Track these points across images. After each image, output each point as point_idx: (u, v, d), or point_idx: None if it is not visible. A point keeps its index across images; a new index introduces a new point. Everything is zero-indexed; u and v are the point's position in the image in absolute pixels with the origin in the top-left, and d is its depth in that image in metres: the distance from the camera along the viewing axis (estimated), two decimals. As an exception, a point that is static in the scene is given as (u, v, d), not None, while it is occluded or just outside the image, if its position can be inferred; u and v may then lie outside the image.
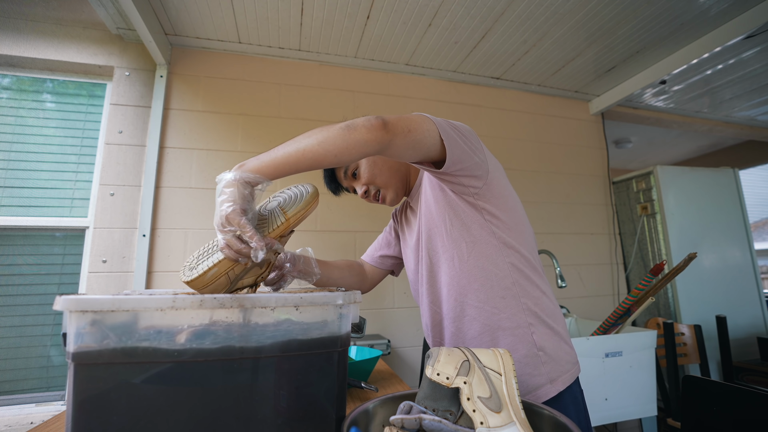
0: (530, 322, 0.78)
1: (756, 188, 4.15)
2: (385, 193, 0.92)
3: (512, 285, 0.79)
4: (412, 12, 1.72)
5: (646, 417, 1.71)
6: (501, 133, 2.36)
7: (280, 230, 0.61)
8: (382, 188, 0.92)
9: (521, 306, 0.79)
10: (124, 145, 1.76)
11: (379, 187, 0.92)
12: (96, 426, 0.44)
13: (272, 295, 0.53)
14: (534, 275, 0.82)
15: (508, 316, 0.78)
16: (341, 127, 0.62)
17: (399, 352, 1.95)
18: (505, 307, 0.78)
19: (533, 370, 0.76)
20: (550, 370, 0.77)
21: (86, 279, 1.64)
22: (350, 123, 0.63)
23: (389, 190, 0.92)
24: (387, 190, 0.92)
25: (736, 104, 2.70)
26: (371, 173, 0.90)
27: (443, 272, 0.84)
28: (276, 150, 0.61)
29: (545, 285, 0.84)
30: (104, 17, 1.71)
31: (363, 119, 0.63)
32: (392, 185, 0.92)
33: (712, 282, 2.44)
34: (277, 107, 2.00)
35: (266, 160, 0.60)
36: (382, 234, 1.11)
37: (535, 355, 0.77)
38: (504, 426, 0.48)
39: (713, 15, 1.78)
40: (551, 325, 0.80)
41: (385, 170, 0.91)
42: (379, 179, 0.91)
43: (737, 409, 0.96)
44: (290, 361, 0.53)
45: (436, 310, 0.88)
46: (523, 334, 0.77)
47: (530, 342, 0.77)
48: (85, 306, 0.44)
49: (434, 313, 0.88)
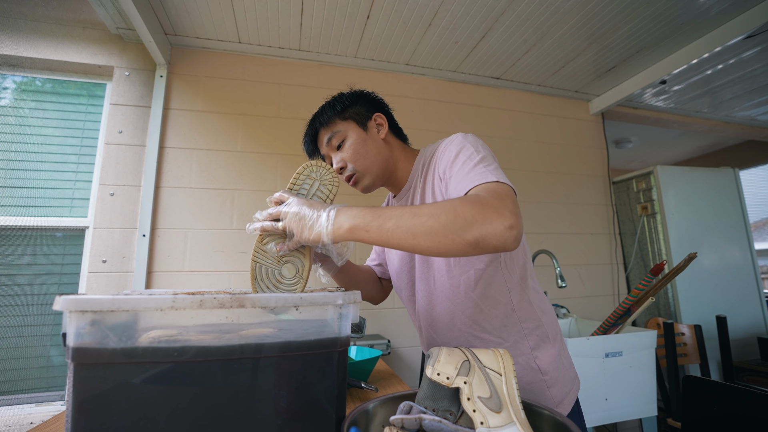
0: (532, 346, 0.77)
1: (756, 188, 4.15)
2: (360, 177, 0.83)
3: (512, 312, 0.77)
4: (412, 12, 1.72)
5: (646, 417, 1.71)
6: (501, 133, 2.36)
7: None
8: (359, 172, 0.83)
9: (522, 332, 0.78)
10: (124, 145, 1.76)
11: (357, 170, 0.83)
12: (96, 426, 0.44)
13: (272, 295, 0.53)
14: (531, 292, 0.80)
15: (511, 344, 0.77)
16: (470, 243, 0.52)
17: (399, 352, 1.95)
18: (508, 335, 0.77)
19: (538, 396, 0.75)
20: (555, 393, 0.76)
21: (86, 279, 1.64)
22: (480, 236, 0.52)
23: (366, 177, 0.84)
24: (364, 175, 0.83)
25: (736, 104, 2.70)
26: (355, 152, 0.82)
27: (446, 299, 0.79)
28: (384, 218, 0.56)
29: (539, 296, 0.83)
30: (104, 17, 1.71)
31: (496, 234, 0.52)
32: (372, 173, 0.84)
33: (712, 282, 2.44)
34: (277, 107, 2.00)
35: (372, 228, 0.57)
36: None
37: (540, 380, 0.76)
38: (504, 426, 0.48)
39: (713, 15, 1.78)
40: (551, 339, 0.79)
41: (372, 155, 0.83)
42: (360, 162, 0.82)
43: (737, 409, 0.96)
44: (290, 361, 0.52)
45: (432, 335, 0.84)
46: (526, 360, 0.77)
47: (534, 368, 0.76)
48: (84, 306, 0.44)
49: (430, 338, 0.84)
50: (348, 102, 0.85)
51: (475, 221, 0.53)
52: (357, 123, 0.84)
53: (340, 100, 0.86)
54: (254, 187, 1.89)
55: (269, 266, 0.66)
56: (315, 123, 0.86)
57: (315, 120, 0.86)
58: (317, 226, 0.60)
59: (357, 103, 0.86)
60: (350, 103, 0.85)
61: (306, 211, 0.61)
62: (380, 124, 0.87)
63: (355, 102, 0.86)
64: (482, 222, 0.53)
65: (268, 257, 0.66)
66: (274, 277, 0.66)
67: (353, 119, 0.84)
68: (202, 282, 1.75)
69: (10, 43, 1.70)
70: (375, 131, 0.86)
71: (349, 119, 0.84)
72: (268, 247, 0.66)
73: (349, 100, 0.86)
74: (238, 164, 1.89)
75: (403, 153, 0.89)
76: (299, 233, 0.62)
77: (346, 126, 0.83)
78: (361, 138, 0.83)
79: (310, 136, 0.88)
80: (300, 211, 0.62)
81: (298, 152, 1.99)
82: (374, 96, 0.91)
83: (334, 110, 0.84)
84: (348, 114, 0.84)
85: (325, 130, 0.84)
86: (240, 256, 1.81)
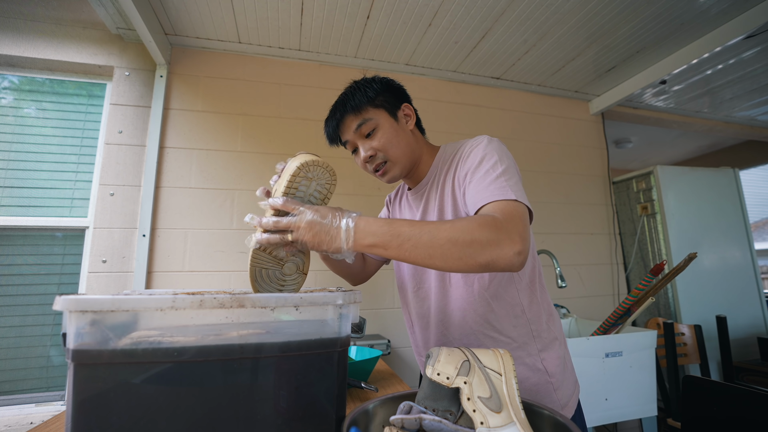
0: (540, 348, 0.78)
1: (756, 188, 4.15)
2: (390, 167, 0.82)
3: (521, 313, 0.78)
4: (412, 12, 1.72)
5: (646, 417, 1.71)
6: (501, 133, 2.36)
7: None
8: (390, 161, 0.81)
9: (531, 333, 0.78)
10: (124, 145, 1.76)
11: (388, 159, 0.81)
12: (96, 426, 0.44)
13: (272, 295, 0.53)
14: (540, 294, 0.81)
15: (520, 345, 0.77)
16: (482, 264, 0.56)
17: (399, 352, 1.95)
18: (518, 336, 0.77)
19: (545, 398, 0.76)
20: (561, 396, 0.77)
21: (86, 279, 1.64)
22: (491, 260, 0.55)
23: (396, 167, 0.82)
24: (395, 165, 0.82)
25: (736, 104, 2.70)
26: (388, 141, 0.79)
27: (459, 297, 0.78)
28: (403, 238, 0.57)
29: (547, 299, 0.84)
30: (104, 17, 1.71)
31: (505, 259, 0.56)
32: (401, 164, 0.82)
33: (712, 282, 2.44)
34: (277, 107, 2.00)
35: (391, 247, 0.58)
36: None
37: (547, 382, 0.76)
38: (504, 426, 0.48)
39: (713, 15, 1.78)
40: (558, 342, 0.80)
41: (403, 145, 0.82)
42: (392, 152, 0.80)
43: (737, 409, 0.96)
44: (290, 361, 0.52)
45: (443, 332, 0.82)
46: (534, 362, 0.77)
47: (541, 370, 0.76)
48: (84, 306, 0.44)
49: (440, 335, 0.83)
50: (379, 89, 0.81)
51: (488, 245, 0.56)
52: (388, 112, 0.81)
53: (370, 86, 0.81)
54: (254, 187, 1.89)
55: (270, 268, 0.65)
56: (343, 107, 0.80)
57: (343, 104, 0.81)
58: (336, 240, 0.59)
59: (387, 91, 0.83)
60: (381, 91, 0.81)
61: (322, 224, 0.59)
62: (408, 114, 0.85)
63: (386, 90, 0.82)
64: (494, 247, 0.56)
65: (267, 260, 0.65)
66: (275, 277, 0.66)
67: (384, 108, 0.81)
68: (202, 282, 1.75)
69: (10, 43, 1.70)
70: (404, 122, 0.84)
71: (380, 107, 0.81)
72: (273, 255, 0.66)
73: (379, 87, 0.82)
74: (238, 164, 1.89)
75: (426, 147, 0.88)
76: (315, 246, 0.60)
77: (378, 114, 0.80)
78: (393, 127, 0.81)
79: (336, 121, 0.82)
80: (314, 224, 0.60)
81: (298, 152, 1.99)
82: (400, 85, 0.87)
83: (365, 96, 0.80)
84: (379, 101, 0.81)
85: (355, 116, 0.80)
86: (240, 256, 1.81)
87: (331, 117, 0.84)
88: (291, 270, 0.67)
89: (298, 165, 0.65)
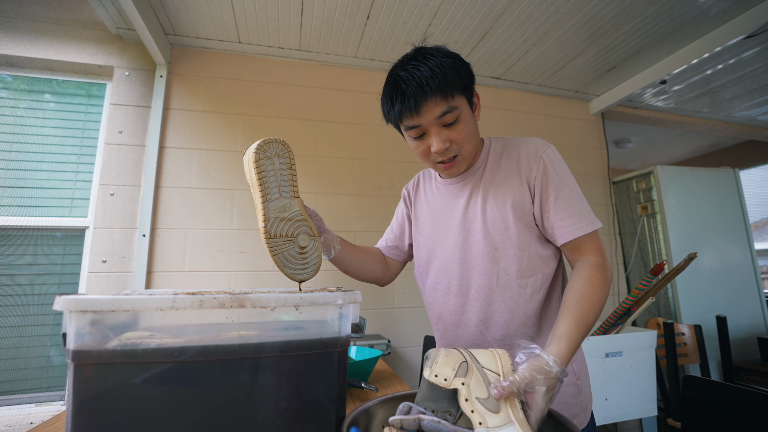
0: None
1: (756, 188, 4.15)
2: (460, 162, 0.76)
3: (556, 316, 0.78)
4: (412, 12, 1.72)
5: (646, 417, 1.71)
6: (501, 133, 2.36)
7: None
8: (461, 155, 0.75)
9: None
10: (124, 145, 1.76)
11: (461, 153, 0.74)
12: (96, 426, 0.44)
13: (272, 295, 0.53)
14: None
15: None
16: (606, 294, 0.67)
17: (399, 352, 1.95)
18: None
19: (570, 399, 0.76)
20: (583, 398, 0.78)
21: (86, 279, 1.64)
22: (603, 297, 0.66)
23: (465, 162, 0.77)
24: (464, 160, 0.76)
25: (736, 104, 2.70)
26: (468, 135, 0.73)
27: (509, 297, 0.76)
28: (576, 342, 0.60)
29: None
30: (104, 17, 1.71)
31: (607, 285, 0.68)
32: (470, 159, 0.78)
33: (712, 282, 2.44)
34: (277, 107, 2.00)
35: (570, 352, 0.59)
36: (395, 222, 1.00)
37: (573, 384, 0.76)
38: (503, 426, 0.48)
39: (713, 15, 1.78)
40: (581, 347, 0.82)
41: (475, 140, 0.76)
42: (468, 146, 0.74)
43: (737, 409, 0.96)
44: (290, 361, 0.52)
45: (482, 331, 0.78)
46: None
47: (570, 371, 0.76)
48: (85, 306, 0.44)
49: (479, 334, 0.78)
50: (465, 70, 0.72)
51: (607, 289, 0.69)
52: (468, 101, 0.74)
53: (462, 65, 0.71)
54: (254, 187, 1.89)
55: (288, 249, 0.67)
56: (431, 84, 0.67)
57: (431, 80, 0.67)
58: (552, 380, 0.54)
59: (469, 74, 0.73)
60: (467, 74, 0.72)
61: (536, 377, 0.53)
62: (477, 104, 0.77)
63: (469, 72, 0.73)
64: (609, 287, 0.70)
65: (282, 243, 0.67)
66: (296, 254, 0.68)
67: (466, 95, 0.73)
68: (202, 282, 1.75)
69: (10, 43, 1.70)
70: (475, 111, 0.77)
71: (464, 94, 0.72)
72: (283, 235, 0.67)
73: (464, 68, 0.72)
74: (238, 164, 1.89)
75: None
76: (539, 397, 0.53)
77: (462, 102, 0.72)
78: (472, 119, 0.74)
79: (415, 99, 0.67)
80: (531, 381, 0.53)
81: (298, 152, 1.99)
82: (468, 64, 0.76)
83: (459, 79, 0.69)
84: (464, 88, 0.72)
85: (443, 99, 0.68)
86: (240, 256, 1.81)
87: (410, 91, 0.68)
88: (305, 240, 0.69)
89: (254, 151, 0.69)
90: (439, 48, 0.73)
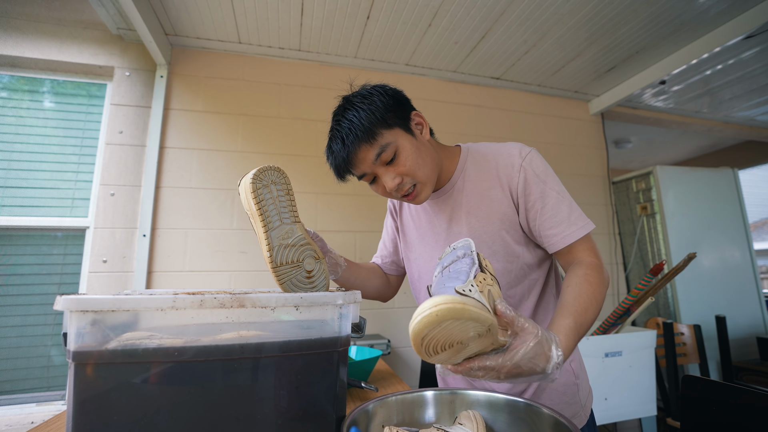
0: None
1: (756, 188, 4.15)
2: (421, 189, 0.74)
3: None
4: (412, 12, 1.73)
5: (646, 417, 1.71)
6: (501, 133, 2.36)
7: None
8: (420, 182, 0.73)
9: None
10: (124, 145, 1.77)
11: (417, 181, 0.73)
12: (96, 426, 0.44)
13: (272, 295, 0.53)
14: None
15: None
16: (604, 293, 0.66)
17: (399, 352, 1.95)
18: None
19: (570, 399, 0.76)
20: (582, 396, 0.78)
21: (86, 279, 1.64)
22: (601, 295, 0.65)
23: (427, 187, 0.74)
24: (425, 185, 0.74)
25: (735, 104, 2.70)
26: (414, 162, 0.71)
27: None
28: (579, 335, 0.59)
29: None
30: (105, 17, 1.71)
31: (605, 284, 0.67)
32: (431, 181, 0.75)
33: (712, 282, 2.44)
34: (277, 107, 2.00)
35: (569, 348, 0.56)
36: (386, 236, 1.00)
37: (573, 383, 0.77)
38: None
39: (713, 15, 1.78)
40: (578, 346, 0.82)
41: (428, 161, 0.74)
42: (421, 172, 0.72)
43: (737, 409, 0.96)
44: (290, 361, 0.53)
45: None
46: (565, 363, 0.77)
47: (569, 371, 0.77)
48: (85, 306, 0.45)
49: None
50: (385, 104, 0.71)
51: (605, 288, 0.67)
52: (402, 128, 0.72)
53: (374, 102, 0.70)
54: (254, 187, 1.89)
55: (295, 275, 0.67)
56: (352, 136, 0.69)
57: (350, 132, 0.69)
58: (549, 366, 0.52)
59: (394, 103, 0.72)
60: (389, 106, 0.71)
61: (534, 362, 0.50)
62: (420, 123, 0.76)
63: (392, 103, 0.72)
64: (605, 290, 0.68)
65: (290, 269, 0.67)
66: (303, 279, 0.68)
67: (397, 125, 0.71)
68: (202, 282, 1.75)
69: (11, 43, 1.70)
70: (419, 133, 0.75)
71: (393, 126, 0.71)
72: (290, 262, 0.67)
73: (385, 102, 0.71)
74: (238, 164, 1.89)
75: (443, 151, 0.81)
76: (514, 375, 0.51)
77: (394, 135, 0.71)
78: (414, 145, 0.72)
79: (346, 154, 0.70)
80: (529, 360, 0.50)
81: (298, 152, 1.99)
82: (400, 91, 0.76)
83: (374, 117, 0.69)
84: (391, 119, 0.70)
85: (370, 145, 0.69)
86: (240, 256, 1.81)
87: (337, 149, 0.72)
88: (311, 264, 0.69)
89: (250, 181, 0.67)
90: (362, 89, 0.74)
